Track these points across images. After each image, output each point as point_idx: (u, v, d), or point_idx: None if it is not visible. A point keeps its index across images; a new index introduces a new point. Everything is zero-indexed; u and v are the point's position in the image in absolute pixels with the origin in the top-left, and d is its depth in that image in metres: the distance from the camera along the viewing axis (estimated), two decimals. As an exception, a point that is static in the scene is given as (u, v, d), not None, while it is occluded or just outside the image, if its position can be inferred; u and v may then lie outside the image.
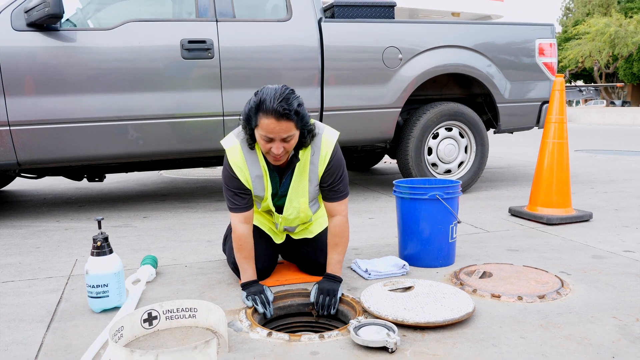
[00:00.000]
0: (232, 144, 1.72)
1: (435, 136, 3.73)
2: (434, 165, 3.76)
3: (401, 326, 1.48)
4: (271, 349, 1.38)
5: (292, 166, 1.74)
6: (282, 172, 1.78)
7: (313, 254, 1.93)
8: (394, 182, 2.22)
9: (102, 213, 3.34)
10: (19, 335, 1.51)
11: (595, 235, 2.58)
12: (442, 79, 3.82)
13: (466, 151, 3.82)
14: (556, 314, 1.59)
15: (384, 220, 2.99)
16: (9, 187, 4.62)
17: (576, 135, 11.41)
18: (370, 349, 1.36)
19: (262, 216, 1.97)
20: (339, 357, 1.34)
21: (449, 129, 3.75)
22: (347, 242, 1.81)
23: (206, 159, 3.79)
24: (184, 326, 1.54)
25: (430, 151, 3.74)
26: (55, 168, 3.43)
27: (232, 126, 3.07)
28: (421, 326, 1.48)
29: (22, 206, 3.68)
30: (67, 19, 3.02)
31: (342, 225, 1.78)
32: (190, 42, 3.04)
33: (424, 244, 2.10)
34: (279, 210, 1.88)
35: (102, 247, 1.65)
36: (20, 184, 4.80)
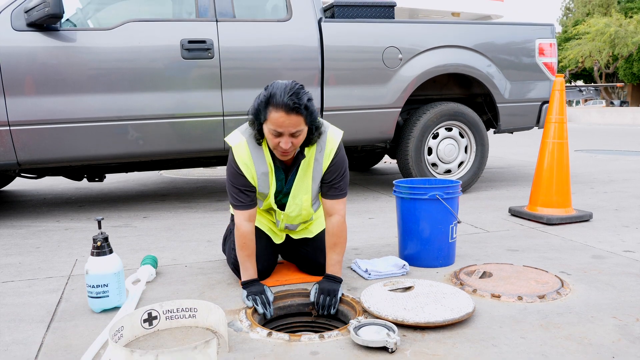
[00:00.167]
0: (238, 141, 1.72)
1: (435, 136, 3.73)
2: (434, 165, 3.76)
3: (401, 326, 1.48)
4: (271, 349, 1.38)
5: (298, 163, 1.75)
6: (288, 169, 1.79)
7: (313, 254, 1.94)
8: (394, 182, 2.22)
9: (102, 213, 3.34)
10: (19, 335, 1.51)
11: (595, 235, 2.58)
12: (442, 79, 3.82)
13: (466, 151, 3.82)
14: (556, 314, 1.59)
15: (384, 220, 2.99)
16: (9, 187, 4.62)
17: (576, 135, 11.41)
18: (370, 349, 1.36)
19: (261, 216, 1.97)
20: (339, 357, 1.34)
21: (449, 129, 3.75)
22: (346, 242, 1.81)
23: (206, 159, 3.79)
24: (184, 326, 1.54)
25: (430, 151, 3.74)
26: (55, 168, 3.43)
27: (232, 126, 3.07)
28: (421, 326, 1.48)
29: (22, 206, 3.68)
30: (67, 19, 3.02)
31: (341, 225, 1.78)
32: (190, 42, 3.04)
33: (424, 244, 2.10)
34: (281, 208, 1.88)
35: (102, 247, 1.66)
36: (20, 184, 4.80)
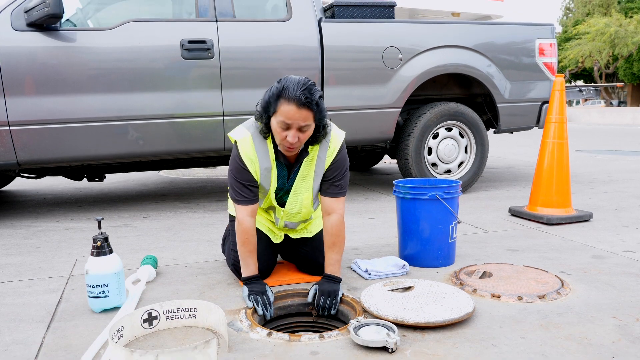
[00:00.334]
0: (243, 135, 1.73)
1: (435, 136, 3.73)
2: (434, 165, 3.76)
3: (401, 326, 1.48)
4: (271, 349, 1.38)
5: (301, 161, 1.76)
6: (291, 166, 1.79)
7: (312, 254, 1.94)
8: (394, 182, 2.22)
9: (102, 213, 3.34)
10: (19, 335, 1.51)
11: (595, 235, 2.58)
12: (442, 79, 3.82)
13: (466, 151, 3.82)
14: (556, 314, 1.59)
15: (384, 220, 2.99)
16: (9, 187, 4.62)
17: (576, 135, 11.41)
18: (370, 349, 1.36)
19: (260, 215, 1.97)
20: (339, 357, 1.34)
21: (449, 129, 3.75)
22: (344, 241, 1.81)
23: (206, 159, 3.79)
24: (184, 326, 1.54)
25: (430, 151, 3.74)
26: (55, 168, 3.43)
27: (232, 126, 3.07)
28: (421, 326, 1.48)
29: (22, 206, 3.68)
30: (67, 19, 3.02)
31: (340, 224, 1.78)
32: (190, 42, 3.04)
33: (424, 244, 2.10)
34: (281, 205, 1.88)
35: (102, 247, 1.66)
36: (20, 184, 4.80)
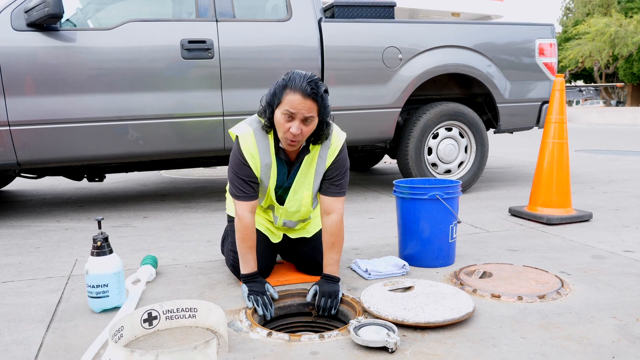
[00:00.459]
0: (245, 131, 1.74)
1: (435, 136, 3.73)
2: (434, 165, 3.76)
3: (401, 326, 1.48)
4: (271, 349, 1.38)
5: (301, 159, 1.77)
6: (291, 164, 1.80)
7: (311, 254, 1.94)
8: (394, 182, 2.22)
9: (102, 213, 3.34)
10: (19, 335, 1.51)
11: (595, 235, 2.58)
12: (442, 79, 3.82)
13: (466, 151, 3.82)
14: (556, 314, 1.59)
15: (384, 220, 2.99)
16: (9, 187, 4.62)
17: (576, 135, 11.41)
18: (370, 349, 1.36)
19: (259, 215, 1.97)
20: (339, 357, 1.34)
21: (449, 129, 3.75)
22: (343, 241, 1.81)
23: (206, 159, 3.79)
24: (184, 326, 1.54)
25: (430, 151, 3.74)
26: (55, 168, 3.43)
27: (232, 126, 3.07)
28: (421, 326, 1.48)
29: (22, 206, 3.68)
30: (67, 19, 3.02)
31: (339, 224, 1.78)
32: (190, 42, 3.04)
33: (424, 244, 2.10)
34: (280, 203, 1.88)
35: (102, 247, 1.66)
36: (20, 184, 4.80)
